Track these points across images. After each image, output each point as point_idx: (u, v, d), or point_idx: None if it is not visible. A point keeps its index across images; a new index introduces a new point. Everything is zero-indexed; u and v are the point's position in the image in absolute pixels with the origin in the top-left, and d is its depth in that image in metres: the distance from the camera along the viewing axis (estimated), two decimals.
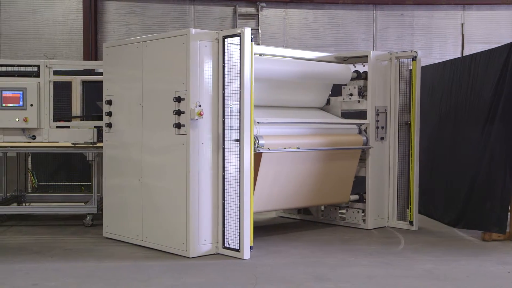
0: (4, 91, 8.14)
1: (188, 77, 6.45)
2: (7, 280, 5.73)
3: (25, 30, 13.11)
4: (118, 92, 7.43)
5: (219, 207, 6.70)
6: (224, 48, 6.57)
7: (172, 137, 6.67)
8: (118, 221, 7.49)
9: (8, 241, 7.62)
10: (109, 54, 7.55)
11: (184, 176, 6.54)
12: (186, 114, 6.48)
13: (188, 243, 6.54)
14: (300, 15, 13.77)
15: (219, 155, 6.67)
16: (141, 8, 13.36)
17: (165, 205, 6.85)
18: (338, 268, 6.23)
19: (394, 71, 8.47)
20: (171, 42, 6.74)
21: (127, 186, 7.33)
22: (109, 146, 7.58)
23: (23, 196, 9.71)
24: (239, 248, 6.53)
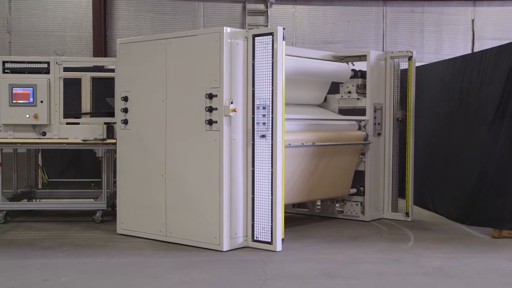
0: (15, 88, 8.15)
1: (221, 75, 6.59)
2: (18, 275, 5.76)
3: (35, 27, 13.17)
4: (135, 88, 7.45)
5: (248, 201, 6.83)
6: (253, 46, 6.71)
7: (202, 133, 6.77)
8: (136, 217, 7.50)
9: (19, 237, 7.67)
10: (124, 50, 7.56)
11: (216, 172, 6.67)
12: (218, 110, 6.62)
13: (221, 237, 6.67)
14: (309, 12, 13.75)
15: (248, 150, 6.80)
16: (151, 5, 13.38)
17: (195, 200, 6.91)
18: (347, 264, 6.23)
19: (389, 70, 8.83)
20: (202, 39, 6.84)
21: (147, 182, 7.34)
22: (124, 143, 7.59)
23: (34, 192, 9.76)
24: (271, 241, 6.70)
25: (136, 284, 5.51)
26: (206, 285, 5.49)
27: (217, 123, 6.63)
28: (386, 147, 8.89)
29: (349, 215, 8.81)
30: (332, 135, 8.17)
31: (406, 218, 8.72)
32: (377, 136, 8.76)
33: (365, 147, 8.63)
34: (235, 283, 5.55)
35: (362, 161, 8.71)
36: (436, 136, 9.46)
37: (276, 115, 6.60)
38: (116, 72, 7.70)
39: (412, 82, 8.70)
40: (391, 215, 8.89)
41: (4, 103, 8.13)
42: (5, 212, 8.49)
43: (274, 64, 6.58)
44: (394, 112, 8.84)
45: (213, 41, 6.66)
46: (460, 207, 8.52)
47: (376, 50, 9.14)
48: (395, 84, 8.83)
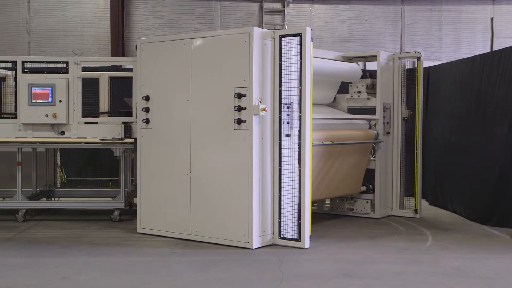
0: (34, 88, 8.21)
1: (251, 74, 6.68)
2: (37, 273, 5.81)
3: (54, 27, 13.28)
4: (157, 88, 7.48)
5: (275, 199, 6.94)
6: (280, 46, 6.82)
7: (231, 133, 6.84)
8: (158, 216, 7.53)
9: (38, 235, 7.73)
10: (145, 50, 7.59)
11: (245, 170, 6.75)
12: (247, 109, 6.70)
13: (250, 234, 6.76)
14: (327, 11, 13.71)
15: (275, 149, 6.90)
16: (168, 4, 13.43)
17: (222, 199, 6.97)
18: (365, 264, 6.20)
19: (397, 71, 9.03)
20: (230, 39, 6.92)
21: (170, 181, 7.39)
22: (145, 142, 7.61)
23: (52, 191, 9.84)
24: (299, 238, 6.80)
25: (152, 283, 5.53)
26: (222, 284, 5.50)
27: (246, 122, 6.73)
28: (394, 146, 9.09)
29: (359, 212, 8.97)
30: (347, 134, 8.32)
31: (415, 215, 8.93)
32: (386, 135, 8.96)
33: (375, 146, 8.80)
34: (252, 283, 5.55)
35: (371, 160, 8.86)
36: (455, 135, 9.39)
37: (304, 115, 6.73)
38: (137, 72, 7.72)
39: (420, 82, 8.89)
40: (399, 212, 9.08)
41: (24, 103, 8.19)
42: (24, 210, 8.56)
43: (302, 65, 6.71)
44: (402, 112, 9.06)
45: (242, 41, 6.75)
46: (481, 207, 8.44)
47: (385, 51, 9.24)
48: (402, 84, 9.04)
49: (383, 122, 8.86)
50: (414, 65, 9.03)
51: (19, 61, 8.31)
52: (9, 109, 8.94)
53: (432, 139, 10.36)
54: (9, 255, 6.61)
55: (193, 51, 7.18)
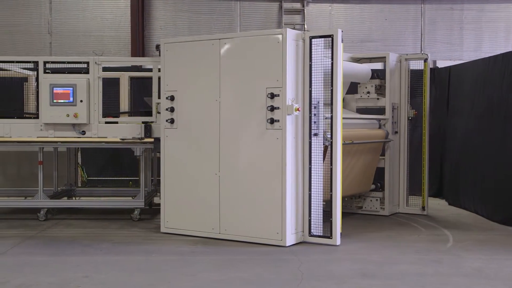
0: (55, 88, 8.28)
1: (284, 75, 6.78)
2: (59, 272, 5.86)
3: (75, 28, 13.39)
4: (183, 88, 7.51)
5: (305, 197, 7.06)
6: (310, 47, 6.95)
7: (263, 132, 6.93)
8: (183, 216, 7.55)
9: (59, 234, 7.80)
10: (170, 50, 7.61)
11: (278, 169, 6.85)
12: (281, 109, 6.80)
13: (284, 232, 6.86)
14: (346, 10, 13.66)
15: (305, 148, 7.01)
16: (188, 5, 13.47)
17: (254, 197, 7.04)
18: (385, 265, 6.17)
19: (404, 71, 9.26)
20: (262, 40, 7.00)
21: (197, 180, 7.42)
22: (170, 141, 7.64)
23: (73, 190, 9.93)
24: (330, 235, 6.95)
25: (172, 282, 5.55)
26: (241, 283, 5.50)
27: (280, 121, 6.82)
28: (401, 145, 9.32)
29: (368, 210, 9.20)
30: (363, 133, 8.54)
31: (422, 212, 9.19)
32: (394, 134, 9.18)
33: (385, 145, 9.06)
34: (272, 282, 5.55)
35: (381, 158, 9.14)
36: (476, 135, 9.30)
37: (336, 115, 6.88)
38: (161, 72, 7.73)
39: (427, 83, 9.13)
40: (406, 209, 9.34)
41: (45, 103, 8.27)
42: (46, 209, 8.65)
43: (334, 66, 6.84)
44: (408, 112, 9.32)
45: (275, 42, 6.83)
46: (503, 208, 8.35)
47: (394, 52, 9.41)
48: (407, 85, 9.27)
49: (392, 122, 9.12)
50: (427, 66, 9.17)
51: (41, 61, 8.39)
52: (31, 109, 9.04)
53: (453, 138, 10.29)
54: (31, 253, 6.68)
55: (222, 51, 7.22)
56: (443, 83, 11.02)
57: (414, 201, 9.38)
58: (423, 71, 9.12)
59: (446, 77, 10.84)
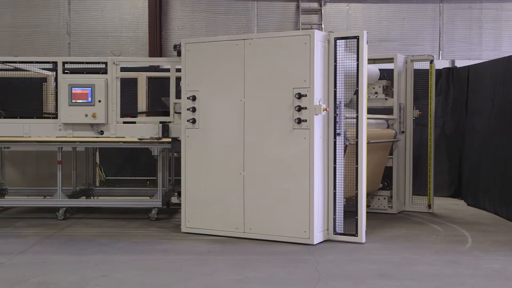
0: (74, 88, 8.33)
1: (312, 75, 6.88)
2: (77, 270, 5.91)
3: (93, 28, 13.47)
4: (205, 88, 7.54)
5: (330, 195, 7.20)
6: (335, 48, 7.07)
7: (290, 132, 7.00)
8: (205, 215, 7.57)
9: (78, 233, 7.86)
10: (191, 50, 7.63)
11: (305, 168, 6.94)
12: (308, 109, 6.89)
13: (311, 231, 6.95)
14: (364, 10, 13.60)
15: (329, 147, 7.13)
16: (205, 5, 13.50)
17: (280, 196, 7.11)
18: (402, 266, 6.14)
19: (409, 72, 9.45)
20: (289, 41, 7.07)
21: (221, 180, 7.44)
22: (191, 141, 7.65)
23: (92, 190, 9.99)
24: (356, 233, 7.09)
25: (190, 281, 5.57)
26: (258, 283, 5.51)
27: (307, 121, 6.90)
28: (407, 144, 9.48)
29: (376, 208, 9.39)
30: (376, 133, 8.68)
31: (428, 210, 9.41)
32: (401, 134, 9.38)
33: (393, 144, 9.27)
34: (288, 283, 5.55)
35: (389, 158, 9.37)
36: (495, 135, 9.22)
37: (361, 115, 7.03)
38: (182, 72, 7.73)
39: (433, 84, 9.32)
40: (411, 207, 9.54)
41: (64, 103, 8.33)
42: (64, 208, 8.72)
43: (359, 67, 6.97)
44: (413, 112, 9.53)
45: (303, 42, 6.90)
46: None
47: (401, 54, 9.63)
48: (412, 85, 9.47)
49: (399, 122, 9.33)
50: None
51: (59, 61, 8.45)
52: (50, 109, 9.13)
53: (472, 138, 10.21)
54: (50, 252, 6.74)
55: (246, 52, 7.26)
56: (461, 82, 10.94)
57: (420, 199, 9.55)
58: (429, 72, 9.28)
59: (464, 77, 10.77)
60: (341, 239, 7.16)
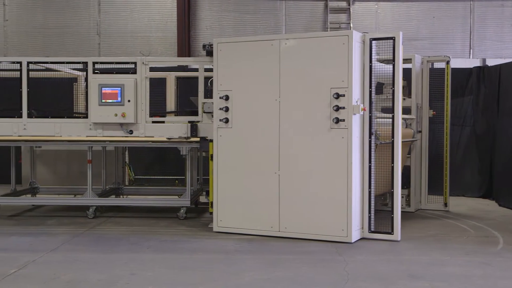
0: (104, 88, 8.42)
1: (350, 76, 6.96)
2: (107, 269, 5.98)
3: (122, 29, 13.59)
4: (239, 87, 7.57)
5: (365, 194, 7.27)
6: (370, 49, 7.18)
7: (327, 131, 7.07)
8: (238, 214, 7.59)
9: (107, 231, 7.94)
10: (223, 50, 7.66)
11: (343, 167, 7.02)
12: (346, 109, 6.97)
13: (349, 229, 7.03)
14: (393, 8, 13.48)
15: (364, 147, 7.23)
16: (233, 4, 13.52)
17: (317, 195, 7.17)
18: (432, 266, 6.08)
19: (425, 73, 9.52)
20: (326, 41, 7.15)
21: (255, 179, 7.48)
22: (224, 141, 7.67)
23: (121, 189, 10.09)
24: (392, 231, 7.18)
25: (218, 280, 5.59)
26: (286, 283, 5.50)
27: (345, 121, 6.97)
28: (423, 143, 9.54)
29: None
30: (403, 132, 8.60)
31: (444, 208, 9.51)
32: (418, 133, 9.43)
33: (412, 144, 9.29)
34: (318, 282, 5.53)
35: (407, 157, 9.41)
36: None
37: (397, 115, 7.14)
38: (214, 71, 7.75)
39: (449, 84, 9.40)
40: (427, 205, 9.64)
41: (94, 103, 8.42)
42: (94, 207, 8.82)
43: (395, 67, 7.06)
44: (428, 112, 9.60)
45: (341, 43, 6.99)
46: None
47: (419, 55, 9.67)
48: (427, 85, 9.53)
49: (416, 122, 9.37)
50: None
51: (90, 62, 8.54)
52: (81, 109, 9.24)
53: (504, 138, 10.06)
54: (81, 250, 6.83)
55: (282, 52, 7.31)
56: (493, 81, 10.79)
57: (436, 198, 9.67)
58: (446, 73, 9.35)
59: (496, 76, 10.62)
60: (376, 237, 7.21)
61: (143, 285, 5.42)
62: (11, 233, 7.75)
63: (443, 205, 9.55)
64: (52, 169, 10.20)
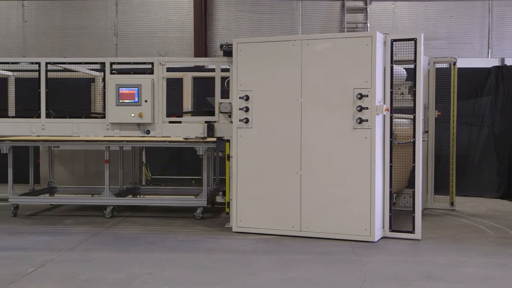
0: (121, 88, 8.44)
1: (373, 76, 7.03)
2: (124, 268, 6.00)
3: (139, 29, 13.65)
4: (259, 88, 7.58)
5: (386, 194, 7.32)
6: (391, 50, 7.25)
7: (349, 132, 7.13)
8: (258, 214, 7.60)
9: (124, 230, 7.98)
10: (243, 50, 7.68)
11: (366, 167, 7.07)
12: (369, 109, 7.03)
13: (372, 228, 7.09)
14: (410, 8, 13.41)
15: (385, 147, 7.27)
16: (250, 4, 13.53)
17: (339, 195, 7.23)
18: (450, 268, 6.03)
19: (432, 74, 9.57)
20: (349, 42, 7.23)
21: (276, 179, 7.49)
22: (245, 141, 7.68)
23: (138, 189, 10.13)
24: (413, 230, 7.24)
25: (234, 280, 5.59)
26: (302, 284, 5.49)
27: (368, 121, 7.03)
28: (429, 143, 9.58)
29: (402, 206, 9.25)
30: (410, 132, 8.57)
31: (450, 207, 9.60)
32: (425, 133, 9.41)
33: None
34: (334, 283, 5.51)
35: None
36: None
37: (418, 115, 7.21)
38: (233, 71, 7.77)
39: (455, 85, 9.51)
40: (434, 204, 9.70)
41: (111, 103, 8.45)
42: (112, 207, 8.87)
43: (416, 68, 7.15)
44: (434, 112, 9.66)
45: (364, 44, 7.04)
46: None
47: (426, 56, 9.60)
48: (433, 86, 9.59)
49: (423, 122, 9.26)
50: None
51: (107, 62, 8.57)
52: (98, 109, 9.29)
53: None
54: (98, 250, 6.87)
55: (304, 52, 7.34)
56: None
57: (441, 197, 9.75)
58: (452, 74, 9.40)
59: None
60: (398, 236, 7.26)
61: (160, 285, 5.44)
62: (30, 232, 7.82)
63: (449, 204, 9.63)
64: (70, 169, 10.27)
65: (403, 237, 7.24)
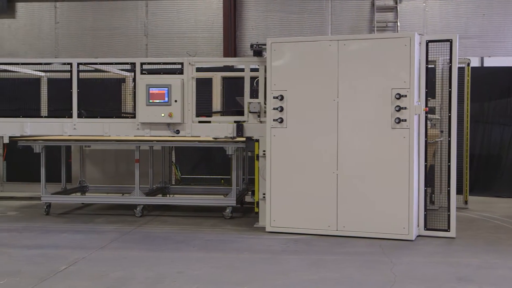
0: (151, 88, 8.50)
1: (412, 77, 7.12)
2: (154, 267, 6.05)
3: (169, 30, 13.74)
4: (294, 87, 7.59)
5: (421, 192, 7.35)
6: (427, 51, 7.28)
7: (387, 131, 7.18)
8: (293, 214, 7.61)
9: (154, 230, 8.04)
10: (277, 49, 7.68)
11: (405, 166, 7.15)
12: (408, 109, 7.11)
13: (410, 227, 7.17)
14: (441, 6, 13.24)
15: (420, 146, 7.30)
16: (279, 4, 13.51)
17: (377, 194, 7.27)
18: (482, 269, 5.95)
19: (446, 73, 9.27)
20: (387, 42, 7.31)
21: (312, 179, 7.51)
22: (279, 141, 7.67)
23: (168, 188, 10.19)
24: (448, 228, 7.31)
25: (265, 280, 5.59)
26: (332, 284, 5.47)
27: (406, 121, 7.10)
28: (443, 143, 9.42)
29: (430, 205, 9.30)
30: (434, 132, 8.80)
31: (464, 205, 9.68)
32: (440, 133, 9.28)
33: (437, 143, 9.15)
34: (364, 284, 5.48)
35: None
36: None
37: (453, 115, 7.25)
38: (267, 71, 7.76)
39: (469, 86, 9.64)
40: None
41: (142, 103, 8.51)
42: (142, 206, 8.94)
43: (452, 69, 7.21)
44: None
45: (402, 45, 7.12)
46: None
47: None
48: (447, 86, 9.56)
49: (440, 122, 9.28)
50: None
51: (137, 62, 8.64)
52: (128, 109, 9.37)
53: None
54: (128, 248, 6.93)
55: (340, 52, 7.37)
56: None
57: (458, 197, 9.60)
58: (466, 74, 9.50)
59: None
60: (433, 235, 7.30)
61: (189, 284, 5.47)
62: (62, 231, 7.93)
63: (463, 203, 9.68)
64: (101, 168, 10.40)
65: (438, 235, 7.26)
